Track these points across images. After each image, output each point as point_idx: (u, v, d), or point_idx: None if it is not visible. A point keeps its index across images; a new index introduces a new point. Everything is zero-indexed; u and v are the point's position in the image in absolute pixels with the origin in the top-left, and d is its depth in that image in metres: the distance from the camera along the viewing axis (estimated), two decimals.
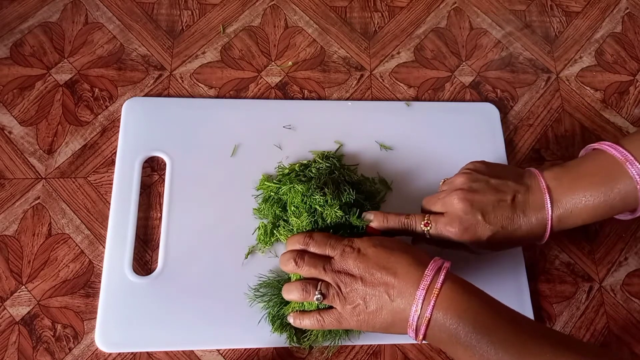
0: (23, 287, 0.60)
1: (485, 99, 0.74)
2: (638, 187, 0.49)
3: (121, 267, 0.59)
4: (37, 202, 0.63)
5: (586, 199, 0.51)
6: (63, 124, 0.67)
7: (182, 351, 0.58)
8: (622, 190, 0.50)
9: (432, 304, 0.45)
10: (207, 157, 0.65)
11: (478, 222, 0.52)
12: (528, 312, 0.61)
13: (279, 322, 0.56)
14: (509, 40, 0.79)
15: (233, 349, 0.59)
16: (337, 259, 0.51)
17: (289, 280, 0.56)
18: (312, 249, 0.54)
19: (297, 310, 0.54)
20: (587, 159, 0.54)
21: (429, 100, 0.73)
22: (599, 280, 0.66)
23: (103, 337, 0.57)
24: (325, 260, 0.52)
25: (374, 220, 0.56)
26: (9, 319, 0.58)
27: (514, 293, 0.62)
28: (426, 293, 0.46)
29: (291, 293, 0.53)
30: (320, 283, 0.52)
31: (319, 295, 0.51)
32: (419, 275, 0.47)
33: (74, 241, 0.62)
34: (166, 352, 0.58)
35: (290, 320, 0.55)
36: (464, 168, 0.57)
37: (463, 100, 0.74)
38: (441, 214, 0.54)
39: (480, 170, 0.55)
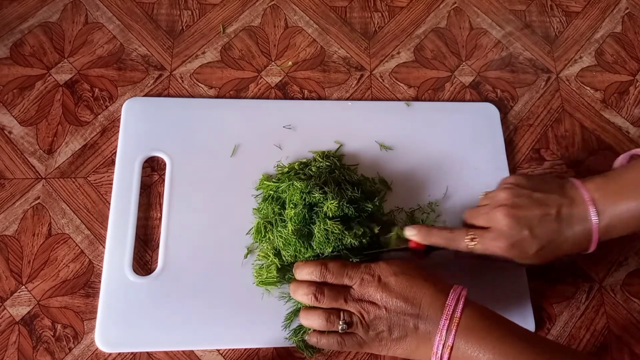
0: (23, 287, 0.60)
1: (485, 99, 0.74)
2: None
3: (121, 267, 0.59)
4: (37, 202, 0.63)
5: (630, 208, 0.50)
6: (63, 124, 0.67)
7: (182, 351, 0.58)
8: None
9: (453, 332, 0.46)
10: (207, 157, 0.65)
11: (525, 238, 0.51)
12: (528, 312, 0.61)
13: (300, 331, 0.56)
14: (509, 40, 0.79)
15: (233, 349, 0.59)
16: (356, 288, 0.52)
17: None
18: (330, 280, 0.53)
19: (315, 330, 0.54)
20: (630, 168, 0.53)
21: (429, 100, 0.73)
22: (599, 280, 0.65)
23: (103, 337, 0.57)
24: (345, 291, 0.52)
25: (417, 235, 0.56)
26: (9, 319, 0.58)
27: (514, 293, 0.62)
28: (449, 322, 0.47)
29: (312, 321, 0.52)
30: (343, 312, 0.51)
31: (344, 326, 0.51)
32: (442, 305, 0.48)
33: (74, 241, 0.62)
34: (166, 352, 0.58)
35: (308, 339, 0.54)
36: (505, 182, 0.56)
37: (463, 100, 0.74)
38: (485, 228, 0.53)
39: (522, 185, 0.54)
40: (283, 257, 0.57)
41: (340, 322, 0.51)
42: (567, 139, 0.73)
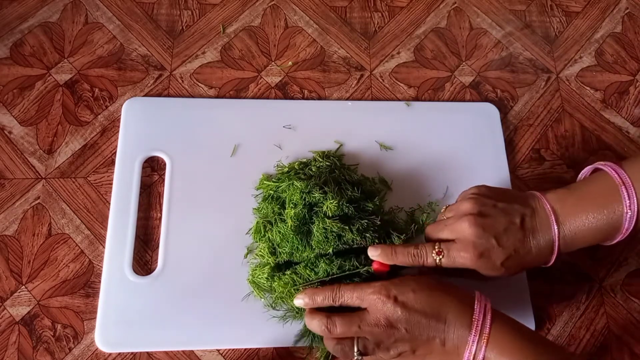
0: (23, 287, 0.60)
1: (485, 99, 0.74)
2: (625, 210, 0.49)
3: (121, 267, 0.59)
4: (37, 202, 0.63)
5: (589, 220, 0.50)
6: (63, 124, 0.67)
7: (182, 351, 0.58)
8: (620, 212, 0.50)
9: (483, 349, 0.46)
10: (207, 157, 0.65)
11: (492, 247, 0.50)
12: (528, 312, 0.61)
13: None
14: (509, 40, 0.79)
15: (233, 349, 0.59)
16: (371, 311, 0.49)
17: None
18: (344, 303, 0.51)
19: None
20: (590, 180, 0.54)
21: (429, 100, 0.73)
22: (599, 280, 0.65)
23: (103, 337, 0.57)
24: (358, 318, 0.50)
25: (381, 254, 0.53)
26: (9, 319, 0.58)
27: (514, 293, 0.62)
28: (479, 337, 0.46)
29: (331, 349, 0.52)
30: (357, 340, 0.50)
31: (358, 357, 0.50)
32: (469, 319, 0.47)
33: (74, 241, 0.62)
34: (166, 352, 0.58)
35: None
36: (468, 193, 0.55)
37: (463, 100, 0.74)
38: (451, 241, 0.52)
39: (486, 195, 0.54)
40: (279, 255, 0.57)
41: (355, 354, 0.50)
42: (567, 139, 0.73)
